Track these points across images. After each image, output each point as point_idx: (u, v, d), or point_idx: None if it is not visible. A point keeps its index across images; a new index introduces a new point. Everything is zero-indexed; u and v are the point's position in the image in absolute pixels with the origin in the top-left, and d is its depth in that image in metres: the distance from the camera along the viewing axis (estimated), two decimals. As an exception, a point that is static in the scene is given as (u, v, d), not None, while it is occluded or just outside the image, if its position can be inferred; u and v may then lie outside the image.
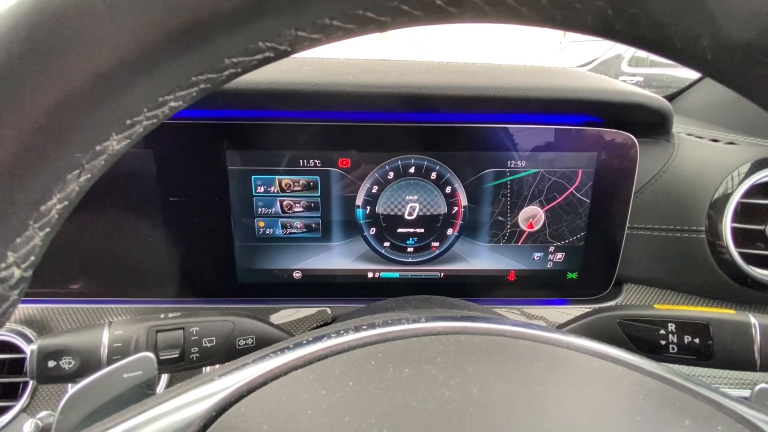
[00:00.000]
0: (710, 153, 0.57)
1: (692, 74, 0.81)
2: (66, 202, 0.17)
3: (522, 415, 0.17)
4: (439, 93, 0.44)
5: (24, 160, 0.15)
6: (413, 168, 0.53)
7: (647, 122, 0.53)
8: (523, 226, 0.56)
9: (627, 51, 4.19)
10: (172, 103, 0.17)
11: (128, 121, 0.16)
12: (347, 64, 0.47)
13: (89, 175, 0.17)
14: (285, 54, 0.18)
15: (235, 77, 0.18)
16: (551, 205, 0.55)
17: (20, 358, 0.50)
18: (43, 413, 0.47)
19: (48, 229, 0.17)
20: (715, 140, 0.59)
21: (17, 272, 0.16)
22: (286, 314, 0.57)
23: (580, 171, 0.54)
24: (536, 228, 0.56)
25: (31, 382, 0.50)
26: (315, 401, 0.19)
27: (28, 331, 0.51)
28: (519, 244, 0.56)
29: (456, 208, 0.55)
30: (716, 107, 0.70)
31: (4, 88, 0.14)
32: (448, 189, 0.54)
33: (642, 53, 4.11)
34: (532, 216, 0.55)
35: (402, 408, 0.17)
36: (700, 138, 0.60)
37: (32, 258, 0.17)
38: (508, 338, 0.24)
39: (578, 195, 0.54)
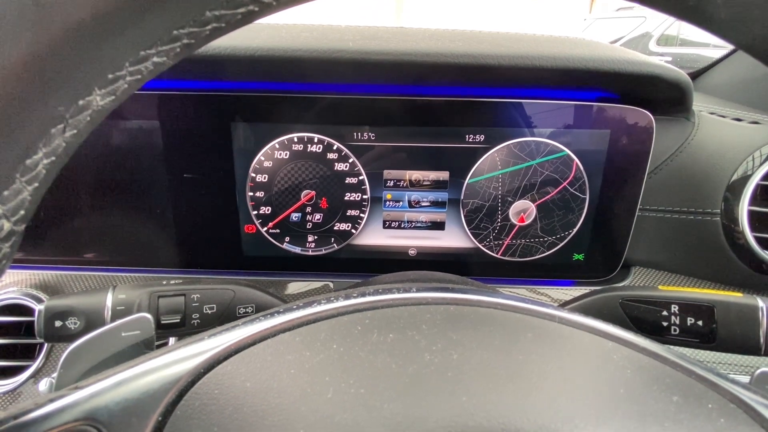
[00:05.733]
0: (732, 132, 0.54)
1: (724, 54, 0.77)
2: (53, 158, 0.17)
3: (499, 382, 0.17)
4: (440, 60, 0.42)
5: (5, 112, 0.15)
6: (418, 150, 0.52)
7: (665, 98, 0.51)
8: (513, 220, 0.55)
9: (656, 29, 3.98)
10: (156, 59, 0.17)
11: (110, 76, 0.16)
12: (348, 31, 0.46)
13: (75, 131, 0.17)
14: (270, 7, 0.17)
15: (220, 33, 0.18)
16: (543, 199, 0.53)
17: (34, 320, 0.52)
18: (57, 373, 0.49)
19: (36, 184, 0.17)
20: (738, 119, 0.56)
21: (7, 225, 0.17)
22: (295, 288, 0.58)
23: (575, 164, 0.52)
24: (527, 222, 0.55)
25: (46, 345, 0.53)
26: (299, 362, 0.19)
27: (43, 296, 0.53)
28: (508, 239, 0.55)
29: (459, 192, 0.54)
30: (743, 85, 0.66)
31: None
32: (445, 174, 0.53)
33: (672, 31, 3.91)
34: (523, 210, 0.54)
35: (381, 370, 0.17)
36: (723, 117, 0.57)
37: (22, 212, 0.17)
38: (498, 310, 0.23)
39: (571, 190, 0.53)
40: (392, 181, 0.54)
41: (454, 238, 0.56)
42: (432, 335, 0.20)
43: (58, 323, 0.33)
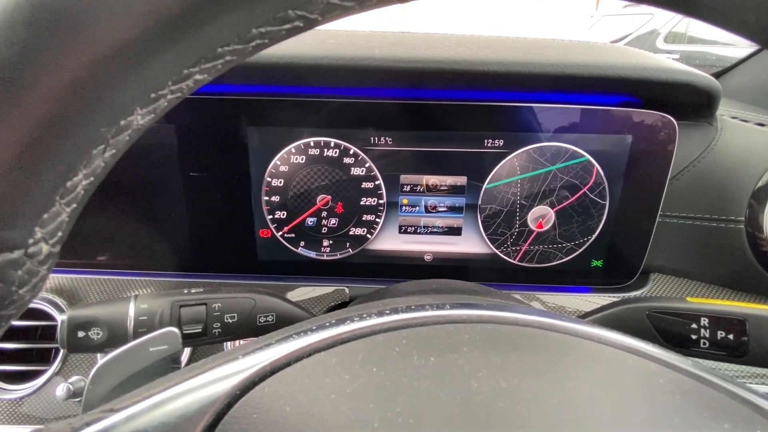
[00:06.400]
0: (756, 138, 0.53)
1: (735, 52, 0.75)
2: (92, 178, 0.17)
3: (553, 413, 0.16)
4: (470, 69, 0.42)
5: (49, 135, 0.14)
6: (435, 154, 0.51)
7: (691, 103, 0.50)
8: (532, 226, 0.54)
9: (663, 26, 3.94)
10: (198, 76, 0.17)
11: (153, 95, 0.16)
12: (373, 37, 0.45)
13: (114, 151, 0.17)
14: (315, 23, 0.17)
15: (263, 48, 0.17)
16: (562, 205, 0.53)
17: (51, 325, 0.52)
18: (74, 378, 0.49)
19: (75, 205, 0.17)
20: (761, 124, 0.55)
21: (45, 248, 0.16)
22: (303, 291, 0.57)
23: (595, 170, 0.51)
24: (546, 228, 0.54)
25: (62, 349, 0.53)
26: (338, 385, 0.19)
27: (59, 300, 0.53)
28: (526, 245, 0.54)
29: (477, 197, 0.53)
30: (765, 88, 0.65)
31: (29, 61, 0.13)
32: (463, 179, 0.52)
33: (680, 28, 3.86)
34: (542, 216, 0.53)
35: (428, 399, 0.17)
36: (746, 122, 0.56)
37: (60, 234, 0.17)
38: (535, 329, 0.23)
39: (591, 195, 0.52)
40: (409, 186, 0.53)
41: (471, 243, 0.56)
42: (475, 359, 0.19)
43: (81, 334, 0.32)
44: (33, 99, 0.13)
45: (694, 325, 0.35)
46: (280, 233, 0.55)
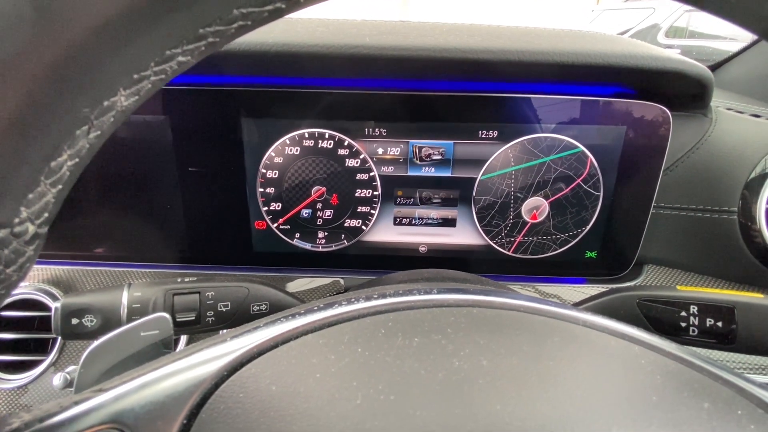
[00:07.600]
0: (750, 129, 0.53)
1: (736, 46, 0.75)
2: (77, 159, 0.17)
3: (532, 390, 0.16)
4: (459, 56, 0.41)
5: (32, 115, 0.14)
6: (432, 150, 0.51)
7: (684, 94, 0.50)
8: (526, 218, 0.54)
9: (664, 20, 3.93)
10: (180, 58, 0.17)
11: (135, 76, 0.16)
12: (365, 26, 0.45)
13: (99, 132, 0.17)
14: (297, 5, 0.17)
15: (245, 31, 0.17)
16: (556, 196, 0.53)
17: (48, 315, 0.52)
18: (71, 368, 0.50)
19: (60, 186, 0.17)
20: (756, 115, 0.55)
21: (31, 228, 0.16)
22: (300, 283, 0.58)
23: (589, 161, 0.51)
24: (540, 219, 0.54)
25: (59, 339, 0.53)
26: (324, 365, 0.19)
27: (55, 291, 0.54)
28: (520, 236, 0.55)
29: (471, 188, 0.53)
30: (761, 79, 0.65)
31: (10, 41, 0.13)
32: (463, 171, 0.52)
33: (681, 23, 3.85)
34: (536, 207, 0.54)
35: (410, 376, 0.17)
36: (740, 113, 0.56)
37: (46, 214, 0.17)
38: (521, 313, 0.23)
39: (585, 186, 0.52)
40: (404, 178, 0.54)
41: (466, 235, 0.56)
42: (458, 340, 0.19)
43: (74, 321, 0.33)
44: (14, 79, 0.13)
45: (683, 313, 0.35)
46: (276, 225, 0.55)
